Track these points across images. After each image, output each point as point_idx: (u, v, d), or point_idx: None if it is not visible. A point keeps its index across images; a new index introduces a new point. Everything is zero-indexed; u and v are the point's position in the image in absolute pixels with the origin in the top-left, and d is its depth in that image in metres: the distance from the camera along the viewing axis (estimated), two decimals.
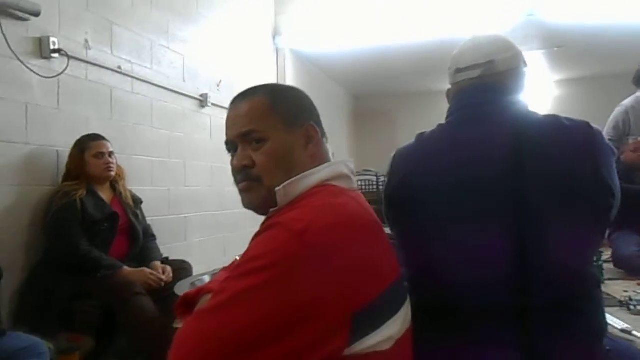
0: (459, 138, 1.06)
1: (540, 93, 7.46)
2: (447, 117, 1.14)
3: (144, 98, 3.19)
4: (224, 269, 1.03)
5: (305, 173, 0.89)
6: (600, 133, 1.02)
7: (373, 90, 7.96)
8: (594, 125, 1.03)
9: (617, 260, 3.86)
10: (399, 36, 5.03)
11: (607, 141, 1.02)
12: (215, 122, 3.90)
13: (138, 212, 2.52)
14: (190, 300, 0.87)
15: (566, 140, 0.99)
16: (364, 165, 7.26)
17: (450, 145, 1.06)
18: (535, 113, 1.08)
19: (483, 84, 1.09)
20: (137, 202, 2.57)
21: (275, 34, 5.25)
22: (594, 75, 7.19)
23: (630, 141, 3.95)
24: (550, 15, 4.67)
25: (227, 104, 0.99)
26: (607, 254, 3.99)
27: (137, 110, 3.14)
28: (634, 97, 4.26)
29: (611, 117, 4.34)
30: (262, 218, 0.90)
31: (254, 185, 0.90)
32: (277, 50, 5.29)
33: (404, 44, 5.22)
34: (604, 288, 3.22)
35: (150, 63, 3.28)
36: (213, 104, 3.84)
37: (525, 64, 1.16)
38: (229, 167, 0.96)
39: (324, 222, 0.78)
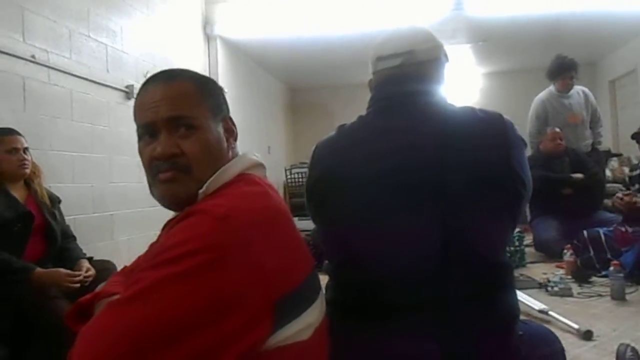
0: (381, 127, 1.05)
1: (468, 85, 7.75)
2: (368, 107, 1.13)
3: (62, 89, 3.00)
4: (117, 273, 0.97)
5: (227, 166, 0.86)
6: (511, 124, 1.04)
7: (309, 82, 7.95)
8: (505, 117, 1.05)
9: (537, 244, 4.09)
10: (332, 27, 5.05)
11: (519, 133, 1.05)
12: None
13: (55, 211, 2.36)
14: (83, 309, 0.81)
15: (481, 131, 1.01)
16: (301, 158, 7.26)
17: (372, 135, 1.05)
18: (452, 105, 1.09)
19: (404, 73, 1.09)
20: (55, 200, 2.41)
21: (206, 22, 5.11)
22: (517, 69, 7.55)
23: (548, 131, 4.18)
24: (475, 9, 4.85)
25: None
26: (528, 238, 4.23)
27: (55, 103, 2.94)
28: (547, 91, 4.52)
29: (531, 111, 4.60)
30: None
31: (180, 176, 0.84)
32: (208, 40, 5.16)
33: (337, 35, 5.24)
34: (525, 271, 3.42)
35: (68, 52, 3.08)
36: None
37: (447, 57, 1.17)
38: None
39: (244, 207, 0.76)
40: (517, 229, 4.76)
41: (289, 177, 6.89)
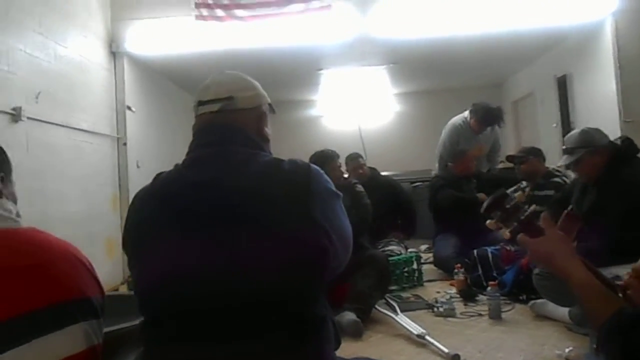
0: (190, 181, 1.05)
1: (382, 105, 8.02)
2: (188, 152, 1.13)
3: None
4: None
5: None
6: (317, 176, 1.06)
7: None
8: (313, 167, 1.07)
9: (436, 261, 4.25)
10: (246, 42, 4.96)
11: (327, 184, 1.07)
12: (34, 138, 3.54)
13: None
14: None
15: (283, 185, 1.01)
16: None
17: (182, 188, 1.05)
18: (260, 155, 1.09)
19: (221, 120, 1.11)
20: None
21: (112, 39, 4.96)
22: (430, 89, 7.89)
23: (467, 154, 4.41)
24: (382, 32, 4.98)
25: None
26: (428, 256, 4.43)
27: None
28: (461, 117, 4.77)
29: (444, 135, 4.83)
30: None
31: None
32: (114, 57, 5.00)
33: (252, 50, 5.17)
34: (421, 290, 3.55)
35: None
36: (29, 118, 3.48)
37: (272, 109, 1.20)
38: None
39: None
40: (426, 246, 4.97)
41: None
